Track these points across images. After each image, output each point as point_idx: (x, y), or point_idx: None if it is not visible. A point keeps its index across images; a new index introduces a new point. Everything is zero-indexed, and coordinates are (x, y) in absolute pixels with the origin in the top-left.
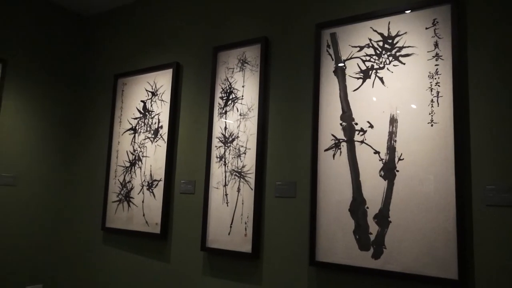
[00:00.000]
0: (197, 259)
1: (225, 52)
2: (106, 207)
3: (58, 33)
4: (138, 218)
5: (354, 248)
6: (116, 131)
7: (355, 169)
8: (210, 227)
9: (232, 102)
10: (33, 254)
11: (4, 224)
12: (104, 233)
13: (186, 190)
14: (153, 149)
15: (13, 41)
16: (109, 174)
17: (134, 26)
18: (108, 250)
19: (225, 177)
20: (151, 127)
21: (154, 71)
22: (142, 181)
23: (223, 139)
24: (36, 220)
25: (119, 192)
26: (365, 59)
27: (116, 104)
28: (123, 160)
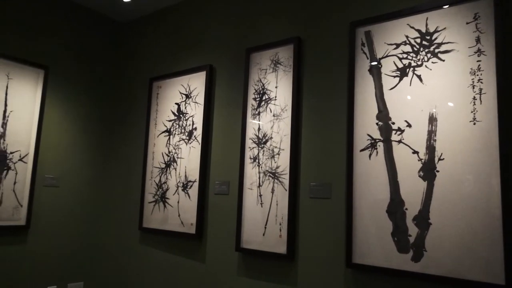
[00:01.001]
0: (232, 259)
1: (258, 53)
2: (143, 208)
3: (96, 39)
4: (173, 219)
5: (392, 250)
6: (151, 133)
7: (392, 169)
8: (244, 228)
9: (265, 103)
10: (75, 253)
11: (49, 224)
12: (141, 233)
13: (220, 191)
14: (187, 151)
15: (53, 49)
16: (145, 176)
17: (167, 30)
18: (145, 249)
19: (259, 178)
20: (186, 129)
21: (187, 74)
22: (177, 182)
23: (257, 140)
24: (77, 220)
25: (155, 193)
26: (401, 57)
27: (151, 107)
28: (158, 162)
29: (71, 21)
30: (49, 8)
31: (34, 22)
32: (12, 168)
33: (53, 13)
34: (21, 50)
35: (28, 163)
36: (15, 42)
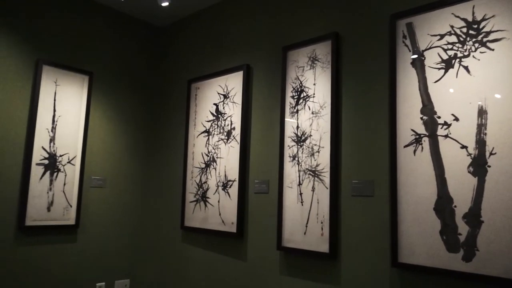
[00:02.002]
0: (274, 258)
1: (295, 51)
2: (184, 207)
3: (137, 45)
4: (214, 218)
5: (441, 249)
6: (191, 134)
7: (439, 165)
8: (285, 227)
9: (303, 100)
10: (121, 251)
11: (97, 223)
12: (183, 231)
13: (260, 189)
14: (226, 150)
15: (97, 55)
16: (186, 176)
17: (203, 32)
18: (187, 247)
19: (298, 176)
20: (224, 129)
21: (225, 74)
22: (217, 182)
23: (296, 138)
24: (123, 219)
25: (196, 193)
26: (446, 48)
27: (190, 108)
28: (198, 162)
29: (112, 28)
30: (92, 17)
31: (79, 31)
32: (62, 170)
33: (96, 22)
34: (67, 58)
35: (76, 165)
36: (62, 50)
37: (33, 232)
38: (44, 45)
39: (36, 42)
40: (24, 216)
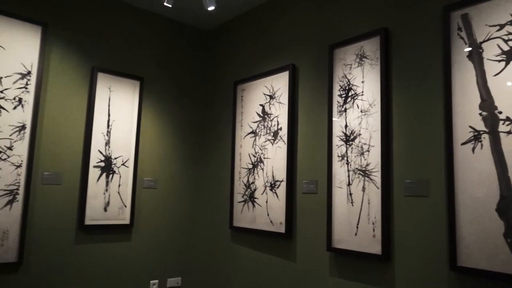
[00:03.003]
0: (324, 259)
1: (342, 49)
2: (233, 207)
3: (184, 49)
4: (262, 218)
5: (505, 253)
6: (238, 135)
7: (501, 163)
8: (335, 227)
9: (351, 99)
10: (173, 250)
11: (149, 223)
12: (232, 231)
13: (309, 190)
14: (273, 151)
15: (147, 61)
16: (234, 176)
17: (249, 34)
18: (236, 247)
19: (348, 176)
20: (271, 129)
21: (270, 75)
22: (265, 182)
23: (344, 137)
24: (174, 219)
25: (244, 193)
26: (507, 39)
27: (236, 110)
28: (246, 163)
29: (161, 34)
30: (142, 25)
31: (130, 39)
32: (117, 172)
33: (145, 29)
34: (120, 64)
35: (129, 167)
36: (115, 57)
37: (92, 231)
38: (98, 53)
39: (91, 50)
40: (83, 216)
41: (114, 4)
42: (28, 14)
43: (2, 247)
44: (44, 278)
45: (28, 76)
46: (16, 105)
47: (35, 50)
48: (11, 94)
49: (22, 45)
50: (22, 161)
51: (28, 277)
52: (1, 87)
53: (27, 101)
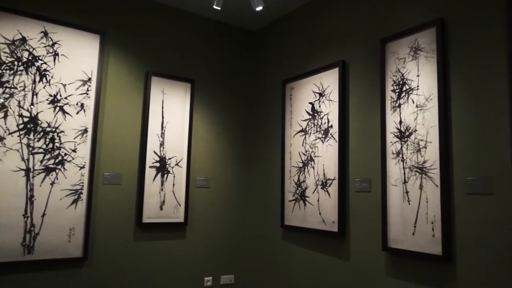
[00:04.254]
0: (379, 259)
1: (394, 42)
2: (284, 206)
3: (232, 50)
4: (314, 216)
5: None
6: (287, 133)
7: None
8: (390, 226)
9: (406, 94)
10: (226, 248)
11: (202, 221)
12: (283, 230)
13: (362, 188)
14: (324, 149)
15: (197, 63)
16: (284, 175)
17: (296, 32)
18: (288, 246)
19: (403, 173)
20: (321, 127)
21: (319, 72)
22: (316, 181)
23: (399, 133)
24: (226, 218)
25: (295, 192)
26: None
27: (285, 108)
28: (296, 161)
29: (210, 37)
30: (191, 28)
31: (180, 42)
32: (171, 172)
33: (195, 32)
34: (171, 68)
35: (182, 167)
36: (167, 61)
37: (149, 229)
38: (151, 58)
39: (145, 55)
40: (141, 214)
41: (165, 10)
42: (87, 24)
43: (69, 243)
44: (106, 272)
45: (89, 83)
46: (79, 110)
47: (94, 57)
48: (74, 100)
49: (82, 53)
50: (85, 163)
51: (92, 271)
52: (65, 93)
53: (88, 106)
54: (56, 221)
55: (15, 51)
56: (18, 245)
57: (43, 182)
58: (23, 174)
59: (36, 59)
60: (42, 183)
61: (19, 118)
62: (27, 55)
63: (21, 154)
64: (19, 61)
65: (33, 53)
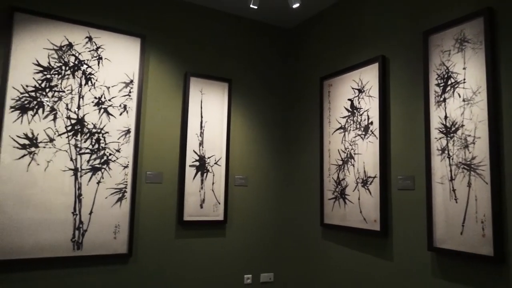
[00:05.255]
0: (424, 259)
1: (438, 35)
2: (323, 204)
3: (268, 48)
4: (355, 215)
5: None
6: (326, 131)
7: None
8: (436, 226)
9: (451, 87)
10: (265, 246)
11: (241, 219)
12: (323, 229)
13: (405, 186)
14: (364, 146)
15: (234, 62)
16: (323, 173)
17: (333, 28)
18: (328, 245)
19: (450, 170)
20: (361, 124)
21: (358, 68)
22: (356, 178)
23: (444, 129)
24: (265, 216)
25: (334, 190)
26: None
27: (323, 106)
28: (335, 159)
29: (246, 36)
30: (227, 28)
31: (217, 42)
32: (210, 171)
33: (230, 31)
34: (209, 68)
35: (221, 166)
36: (205, 62)
37: (190, 226)
38: (190, 59)
39: (183, 57)
40: (182, 212)
41: (202, 11)
42: (128, 28)
43: (115, 240)
44: (149, 268)
45: (131, 85)
46: (122, 112)
47: (136, 60)
48: (117, 101)
49: (124, 56)
50: (128, 162)
51: (137, 267)
52: (109, 95)
53: (131, 107)
54: (103, 218)
55: (62, 56)
56: (68, 241)
57: (90, 181)
58: (71, 173)
59: (81, 63)
60: (89, 182)
61: (67, 120)
62: (74, 59)
63: (70, 155)
64: (66, 66)
65: (79, 57)
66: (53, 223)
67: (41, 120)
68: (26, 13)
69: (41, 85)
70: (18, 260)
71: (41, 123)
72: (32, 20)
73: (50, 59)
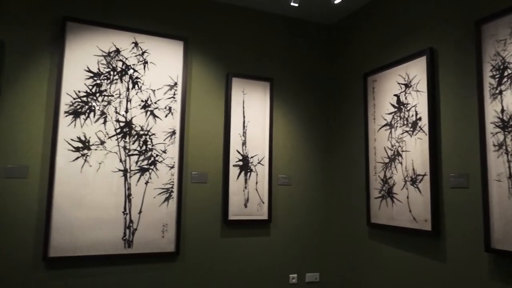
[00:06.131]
0: (481, 260)
1: (492, 23)
2: (369, 203)
3: (309, 45)
4: (403, 214)
5: None
6: (371, 128)
7: None
8: (494, 225)
9: (508, 79)
10: (310, 245)
11: (286, 218)
12: (370, 228)
13: (458, 184)
14: (413, 143)
15: (275, 61)
16: (369, 171)
17: (377, 22)
18: (375, 245)
19: (508, 167)
20: (408, 120)
21: (404, 62)
22: (405, 177)
23: (501, 123)
24: (309, 215)
25: (381, 188)
26: None
27: (368, 102)
28: (381, 157)
29: (286, 34)
30: (267, 27)
31: (258, 42)
32: (254, 170)
33: (271, 30)
34: (250, 68)
35: (264, 165)
36: (246, 62)
37: (235, 226)
38: (231, 59)
39: (225, 58)
40: (227, 211)
41: (241, 12)
42: (171, 32)
43: (163, 238)
44: (196, 267)
45: (175, 87)
46: (167, 114)
47: (179, 63)
48: (162, 104)
49: (168, 60)
50: (174, 163)
51: (184, 265)
52: (155, 98)
53: (175, 109)
54: (151, 217)
55: (110, 62)
56: (120, 240)
57: (139, 182)
58: (121, 174)
59: (128, 68)
60: (138, 182)
61: (116, 123)
62: (121, 64)
63: (119, 156)
64: (114, 71)
65: (126, 62)
66: (105, 222)
67: (93, 124)
68: (77, 22)
69: (91, 90)
70: (73, 257)
71: (92, 126)
72: (82, 28)
73: (100, 65)
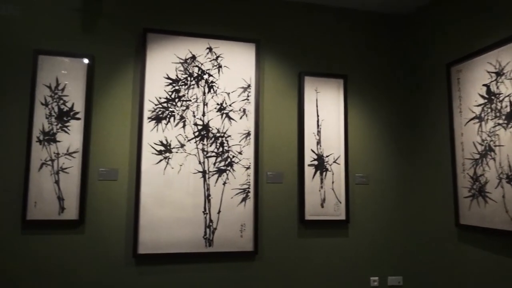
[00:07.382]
0: None
1: None
2: (458, 203)
3: (383, 40)
4: (498, 215)
5: None
6: (457, 122)
7: None
8: None
9: None
10: (392, 247)
11: (365, 219)
12: (458, 230)
13: None
14: (507, 137)
15: (348, 57)
16: (456, 169)
17: (459, 8)
18: (465, 248)
19: None
20: (501, 112)
21: (494, 48)
22: (499, 174)
23: None
24: (390, 216)
25: (471, 187)
26: None
27: (452, 94)
28: (470, 153)
29: (358, 28)
30: (338, 22)
31: (329, 39)
32: (329, 170)
33: (341, 25)
34: (323, 65)
35: (340, 164)
36: (318, 59)
37: (311, 226)
38: (303, 58)
39: (296, 57)
40: (303, 211)
41: (311, 9)
42: (243, 35)
43: (241, 238)
44: (274, 266)
45: (249, 89)
46: (242, 115)
47: (252, 65)
48: (237, 106)
49: (241, 62)
50: (250, 163)
51: (262, 264)
52: (229, 101)
53: (249, 110)
54: (229, 217)
55: (187, 68)
56: (201, 238)
57: (217, 182)
58: (200, 175)
59: (204, 73)
60: (216, 183)
61: (194, 127)
62: (197, 70)
63: (198, 158)
64: (191, 77)
65: (201, 68)
66: (186, 221)
67: (173, 128)
68: (156, 33)
69: (171, 96)
70: (158, 255)
71: (173, 130)
72: (161, 38)
73: (177, 72)
